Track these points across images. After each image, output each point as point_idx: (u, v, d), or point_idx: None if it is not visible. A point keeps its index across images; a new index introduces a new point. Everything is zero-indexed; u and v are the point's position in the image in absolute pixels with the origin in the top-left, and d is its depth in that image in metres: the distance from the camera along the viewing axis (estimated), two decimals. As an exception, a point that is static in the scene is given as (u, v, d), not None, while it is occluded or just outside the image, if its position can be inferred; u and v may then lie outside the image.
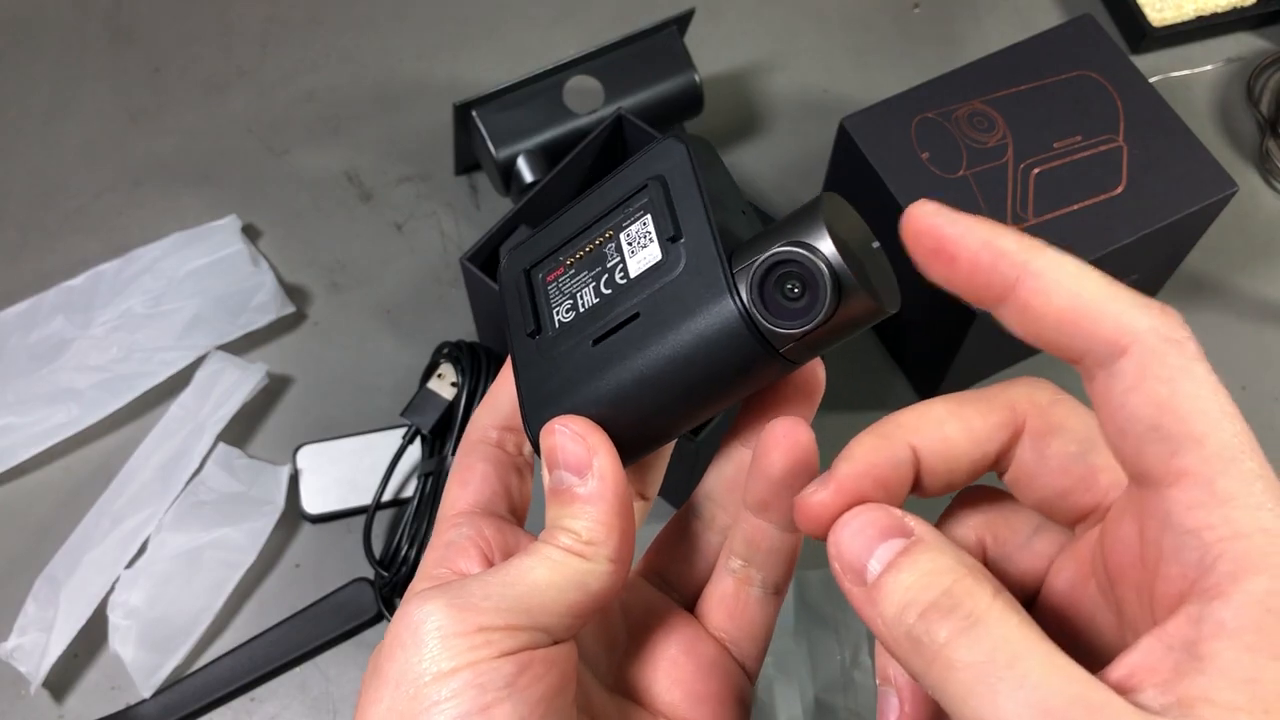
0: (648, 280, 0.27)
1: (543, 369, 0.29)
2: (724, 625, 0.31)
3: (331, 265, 0.70)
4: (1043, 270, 0.22)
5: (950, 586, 0.21)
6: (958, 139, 0.60)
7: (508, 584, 0.26)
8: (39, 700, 0.57)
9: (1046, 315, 0.22)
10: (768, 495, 0.28)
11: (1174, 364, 0.21)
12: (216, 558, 0.59)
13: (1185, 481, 0.20)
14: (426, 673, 0.24)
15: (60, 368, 0.64)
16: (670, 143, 0.29)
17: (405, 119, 0.76)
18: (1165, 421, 0.21)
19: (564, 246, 0.30)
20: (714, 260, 0.26)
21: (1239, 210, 0.68)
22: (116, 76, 0.78)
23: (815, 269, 0.25)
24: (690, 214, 0.27)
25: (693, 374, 0.27)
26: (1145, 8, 0.77)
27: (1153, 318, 0.21)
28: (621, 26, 0.67)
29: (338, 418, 0.65)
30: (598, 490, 0.27)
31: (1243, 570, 0.19)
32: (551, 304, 0.30)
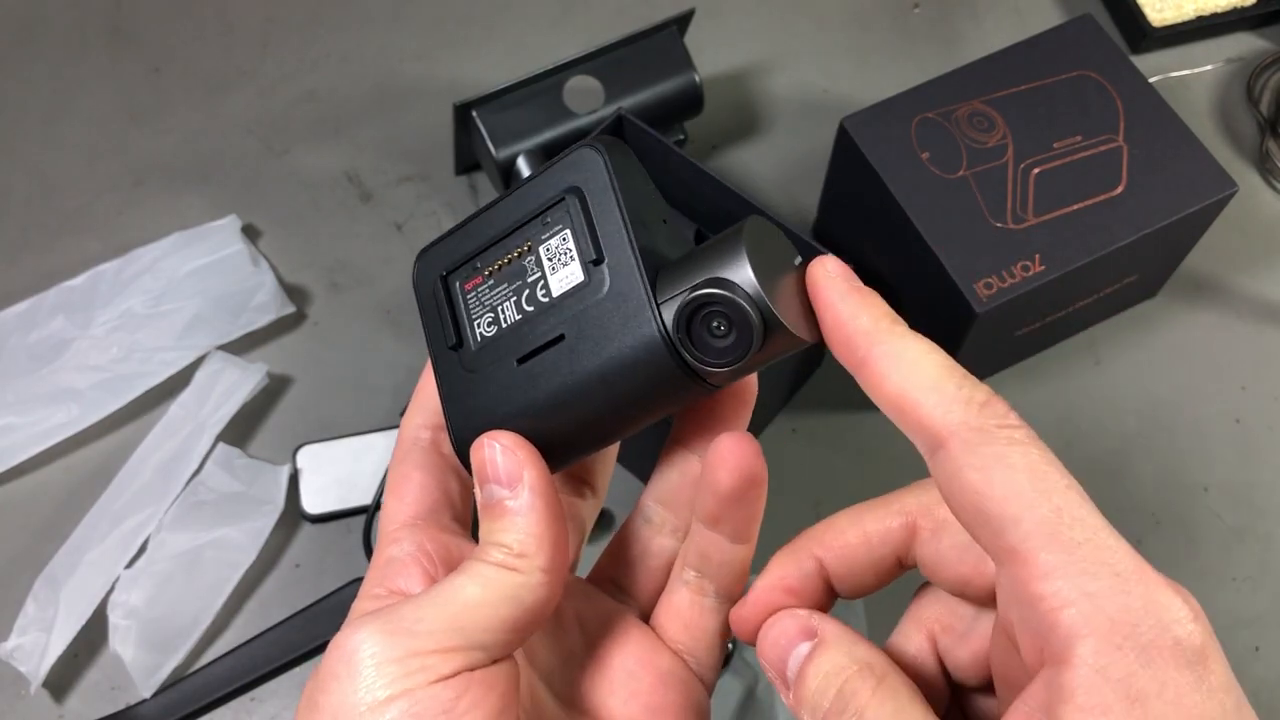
0: (570, 301, 0.27)
1: (466, 383, 0.29)
2: (679, 636, 0.31)
3: (331, 265, 0.70)
4: (880, 357, 0.25)
5: (841, 688, 0.25)
6: (958, 139, 0.60)
7: (440, 605, 0.25)
8: (39, 700, 0.57)
9: (884, 400, 0.25)
10: (718, 510, 0.29)
11: (986, 453, 0.23)
12: (216, 558, 0.59)
13: (1015, 560, 0.22)
14: (361, 702, 0.24)
15: (60, 368, 0.64)
16: (586, 152, 0.28)
17: (405, 119, 0.76)
18: (984, 506, 0.23)
19: (481, 253, 0.29)
20: (638, 288, 0.26)
21: (1239, 210, 0.68)
22: (116, 76, 0.78)
23: (741, 310, 0.25)
24: (611, 234, 0.27)
25: (619, 398, 0.27)
26: (1145, 8, 0.77)
27: (968, 411, 0.23)
28: (621, 26, 0.67)
29: (338, 418, 0.65)
30: (528, 503, 0.27)
31: (1074, 635, 0.21)
32: (472, 315, 0.29)
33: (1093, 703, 0.21)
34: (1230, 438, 0.65)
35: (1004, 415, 0.23)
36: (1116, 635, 0.21)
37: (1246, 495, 0.63)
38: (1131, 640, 0.21)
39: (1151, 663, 0.21)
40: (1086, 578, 0.21)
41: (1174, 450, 0.64)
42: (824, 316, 0.26)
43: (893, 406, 0.25)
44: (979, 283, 0.56)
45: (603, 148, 0.28)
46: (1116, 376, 0.66)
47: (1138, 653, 0.21)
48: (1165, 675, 0.21)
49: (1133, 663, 0.21)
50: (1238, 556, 0.60)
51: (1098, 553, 0.22)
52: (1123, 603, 0.21)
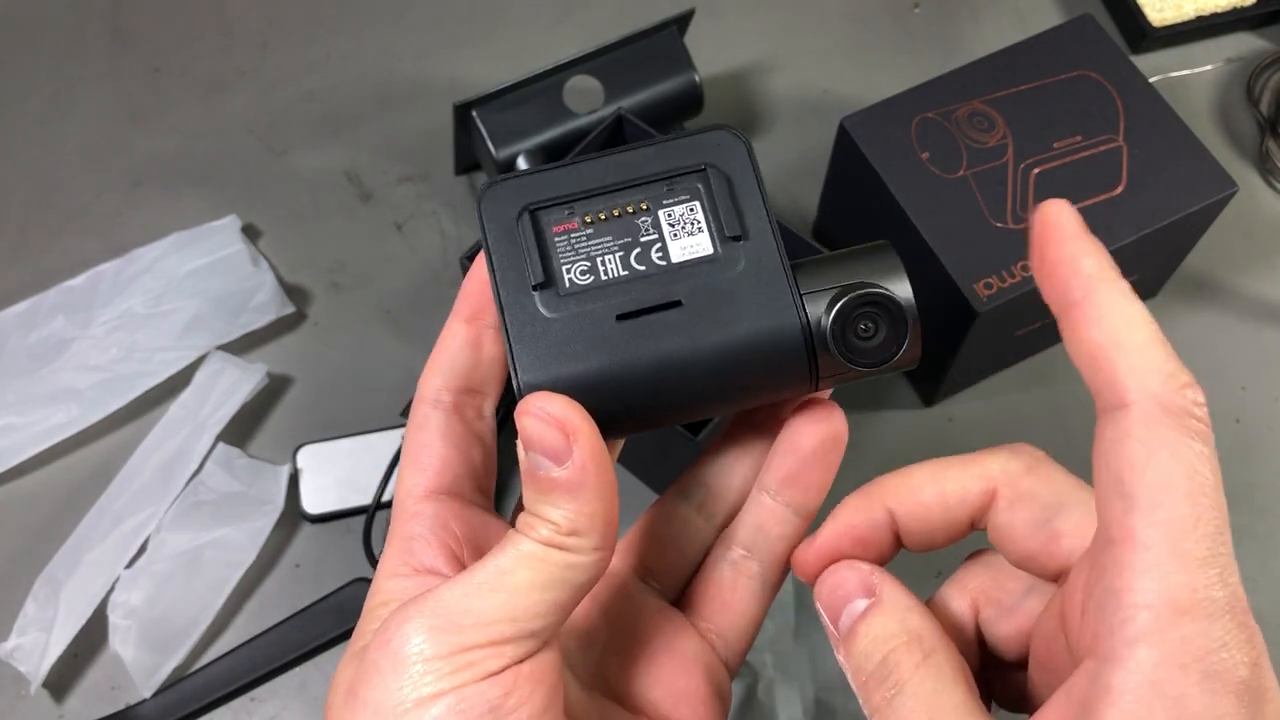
0: (694, 271, 0.27)
1: (546, 326, 0.27)
2: (714, 617, 0.31)
3: (331, 265, 0.70)
4: (1098, 304, 0.24)
5: (886, 656, 0.25)
6: (958, 139, 0.60)
7: (487, 593, 0.24)
8: (39, 700, 0.57)
9: (1081, 345, 0.24)
10: (795, 469, 0.29)
11: (1160, 433, 0.22)
12: (216, 558, 0.59)
13: (1128, 542, 0.22)
14: (408, 699, 0.23)
15: (60, 368, 0.64)
16: (725, 135, 0.28)
17: (405, 119, 0.76)
18: (1130, 481, 0.22)
19: (580, 200, 0.28)
20: (780, 275, 0.27)
21: (1239, 210, 0.68)
22: (116, 76, 0.78)
23: (902, 317, 0.27)
24: (752, 217, 0.27)
25: (725, 379, 0.27)
26: (1145, 8, 0.77)
27: (1164, 385, 0.22)
28: (621, 26, 0.67)
29: (338, 418, 0.65)
30: (577, 478, 0.24)
31: (1139, 638, 0.21)
32: (562, 259, 0.27)
33: (1138, 712, 0.21)
34: (1230, 438, 0.65)
35: (1197, 405, 0.22)
36: (1185, 655, 0.21)
37: (1246, 495, 0.63)
38: (1200, 664, 0.21)
39: (1212, 692, 0.20)
40: (1183, 591, 0.21)
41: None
42: (1047, 252, 0.25)
43: (1089, 355, 0.24)
44: (979, 283, 0.56)
45: (743, 135, 0.29)
46: (1116, 376, 0.66)
47: (1201, 678, 0.20)
48: (1222, 708, 0.20)
49: (1193, 686, 0.20)
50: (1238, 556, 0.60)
51: (1205, 575, 0.21)
52: (1203, 628, 0.21)
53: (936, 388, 0.64)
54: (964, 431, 0.65)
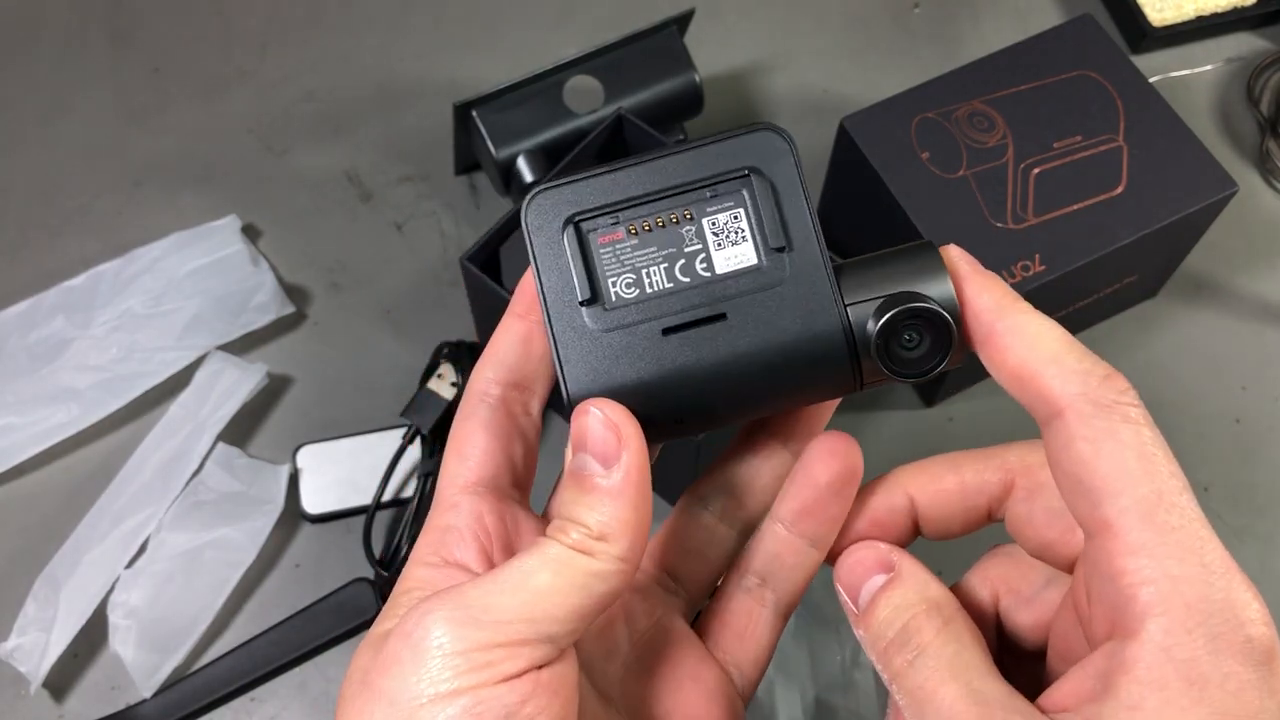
0: (738, 282, 0.27)
1: (594, 342, 0.27)
2: (729, 645, 0.31)
3: (331, 265, 0.70)
4: (1004, 332, 0.26)
5: (908, 622, 0.26)
6: (958, 139, 0.60)
7: (510, 592, 0.24)
8: (39, 700, 0.57)
9: (1003, 372, 0.26)
10: (811, 503, 0.29)
11: (1099, 426, 0.24)
12: (216, 557, 0.59)
13: (1106, 532, 0.23)
14: (424, 694, 0.23)
15: (60, 368, 0.64)
16: (770, 136, 0.28)
17: (405, 119, 0.76)
18: (1088, 478, 0.23)
19: (624, 208, 0.28)
20: (825, 286, 0.27)
21: (1239, 210, 0.68)
22: (116, 76, 0.78)
23: (947, 328, 0.26)
24: (796, 225, 0.27)
25: (768, 391, 0.27)
26: (1145, 8, 0.77)
27: (1087, 384, 0.24)
28: (621, 26, 0.67)
29: (338, 418, 0.65)
30: (620, 485, 0.25)
31: (1147, 612, 0.22)
32: (608, 272, 0.27)
33: (1152, 677, 0.22)
34: (1230, 438, 0.65)
35: (1122, 391, 0.24)
36: (1190, 620, 0.22)
37: (1246, 495, 0.63)
38: (1204, 628, 0.22)
39: (1219, 653, 0.21)
40: (1172, 561, 0.22)
41: (1174, 450, 0.64)
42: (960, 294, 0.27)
43: (1013, 379, 0.25)
44: (979, 283, 0.56)
45: (790, 135, 0.28)
46: (1116, 376, 0.66)
47: (1207, 640, 0.21)
48: (1230, 667, 0.21)
49: (1200, 649, 0.21)
50: (1238, 556, 0.60)
51: (1189, 540, 0.22)
52: (1203, 592, 0.22)
53: (936, 388, 0.64)
54: (964, 431, 0.65)
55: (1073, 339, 0.25)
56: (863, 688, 0.56)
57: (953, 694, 0.24)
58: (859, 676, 0.56)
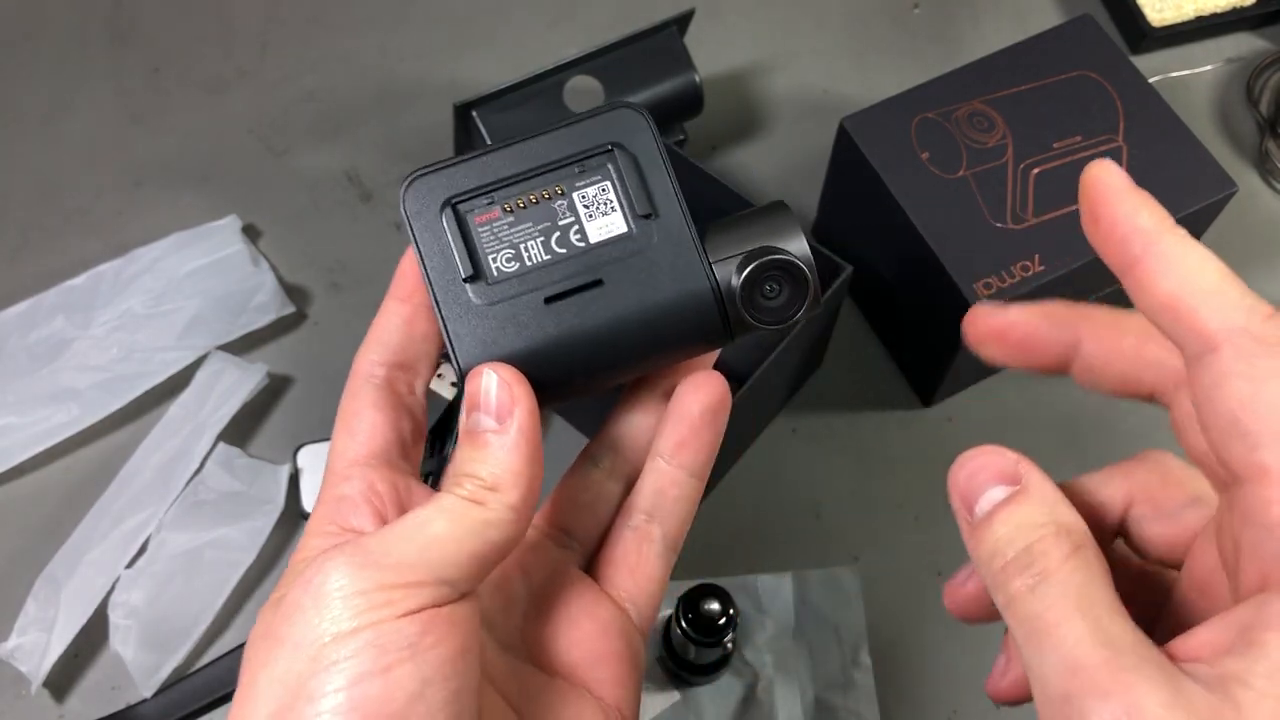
0: (611, 249, 0.29)
1: (480, 316, 0.29)
2: (624, 583, 0.32)
3: (331, 265, 0.70)
4: (1162, 254, 0.23)
5: (1032, 544, 0.24)
6: (958, 139, 0.60)
7: (407, 538, 0.25)
8: (39, 700, 0.57)
9: (1154, 298, 0.23)
10: (686, 434, 0.31)
11: (1262, 365, 0.21)
12: (217, 557, 0.59)
13: (1265, 478, 0.21)
14: (326, 633, 0.24)
15: (60, 368, 0.64)
16: (628, 113, 0.29)
17: (405, 119, 0.76)
18: (1245, 418, 0.21)
19: (497, 189, 0.29)
20: (690, 247, 0.29)
21: (1239, 210, 0.68)
22: (116, 76, 0.78)
23: (804, 278, 0.29)
24: (660, 193, 0.29)
25: (648, 348, 0.29)
26: (1145, 8, 0.77)
27: (1249, 319, 0.22)
28: (621, 26, 0.67)
29: (338, 418, 0.65)
30: (512, 439, 0.27)
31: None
32: (487, 249, 0.29)
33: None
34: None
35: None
36: None
37: (1246, 495, 0.63)
38: None
39: None
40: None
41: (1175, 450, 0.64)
42: (1100, 213, 0.24)
43: (1163, 308, 0.23)
44: (979, 283, 0.56)
45: (645, 110, 0.30)
46: (1116, 376, 0.66)
47: None
48: None
49: None
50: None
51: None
52: None
53: (936, 388, 0.64)
54: (964, 431, 0.65)
55: (1232, 273, 0.23)
56: (863, 688, 0.56)
57: (1079, 631, 0.22)
58: (859, 676, 0.56)
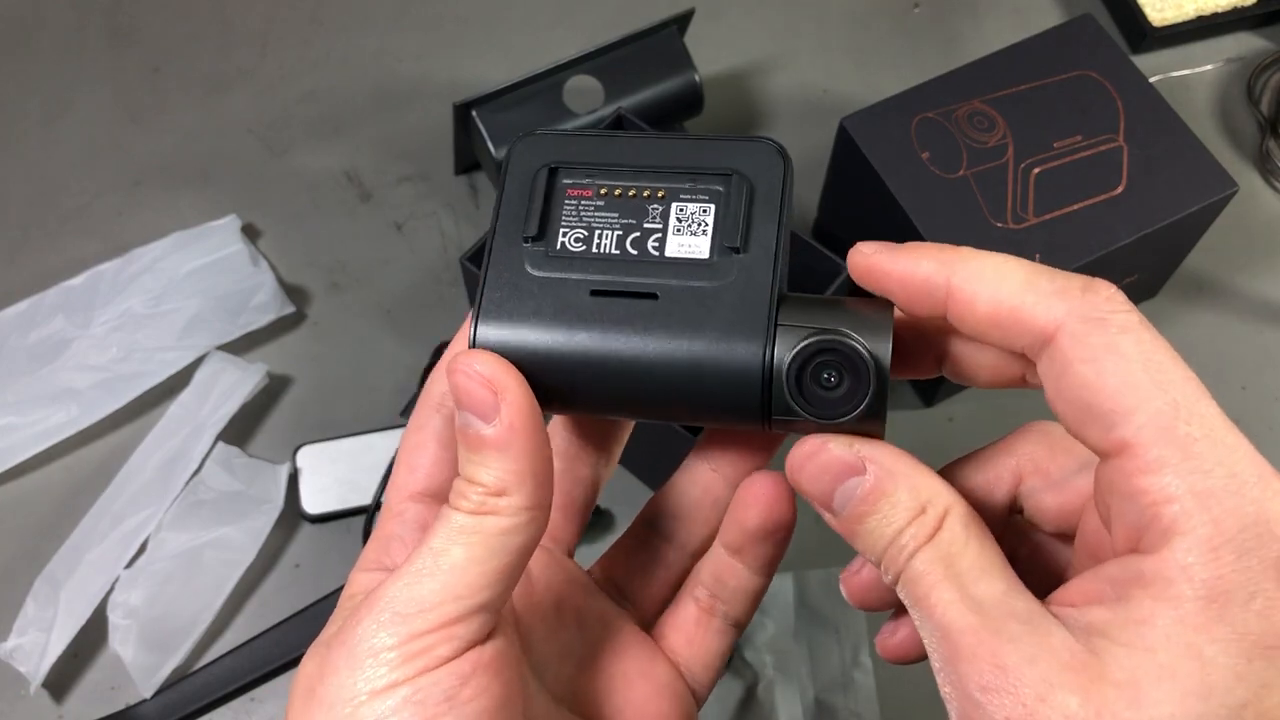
0: (682, 270, 0.26)
1: (522, 280, 0.27)
2: (680, 650, 0.31)
3: (331, 265, 0.70)
4: (962, 283, 0.24)
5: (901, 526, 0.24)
6: (958, 139, 0.60)
7: (429, 577, 0.24)
8: (39, 700, 0.57)
9: (978, 325, 0.24)
10: (742, 543, 0.29)
11: (1096, 343, 0.22)
12: (216, 557, 0.59)
13: (1125, 452, 0.21)
14: (362, 692, 0.23)
15: (60, 368, 0.64)
16: (769, 147, 0.27)
17: (405, 119, 0.76)
18: (1095, 400, 0.22)
19: (603, 169, 0.28)
20: (764, 301, 0.26)
21: (1239, 210, 0.68)
22: (116, 76, 0.78)
23: (867, 375, 0.25)
24: (760, 235, 0.26)
25: (675, 388, 0.26)
26: (1145, 8, 0.77)
27: (1070, 301, 0.22)
28: (621, 26, 0.67)
29: (338, 418, 0.65)
30: (505, 435, 0.25)
31: (1172, 531, 0.21)
32: (564, 221, 0.27)
33: (1168, 594, 0.20)
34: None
35: (1109, 299, 0.22)
36: (1217, 537, 0.20)
37: (1246, 495, 0.63)
38: (1232, 545, 0.20)
39: (1247, 570, 0.20)
40: (1198, 475, 0.21)
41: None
42: (890, 290, 0.25)
43: (993, 324, 0.23)
44: (979, 283, 0.56)
45: (788, 154, 0.28)
46: (1116, 376, 0.66)
47: (1236, 557, 0.20)
48: (1259, 587, 0.20)
49: (1226, 566, 0.20)
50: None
51: (1214, 450, 0.21)
52: (1232, 505, 0.20)
53: (936, 388, 0.64)
54: (964, 431, 0.65)
55: (1037, 264, 0.23)
56: (863, 688, 0.56)
57: (947, 598, 0.23)
58: (859, 676, 0.56)
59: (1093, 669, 0.21)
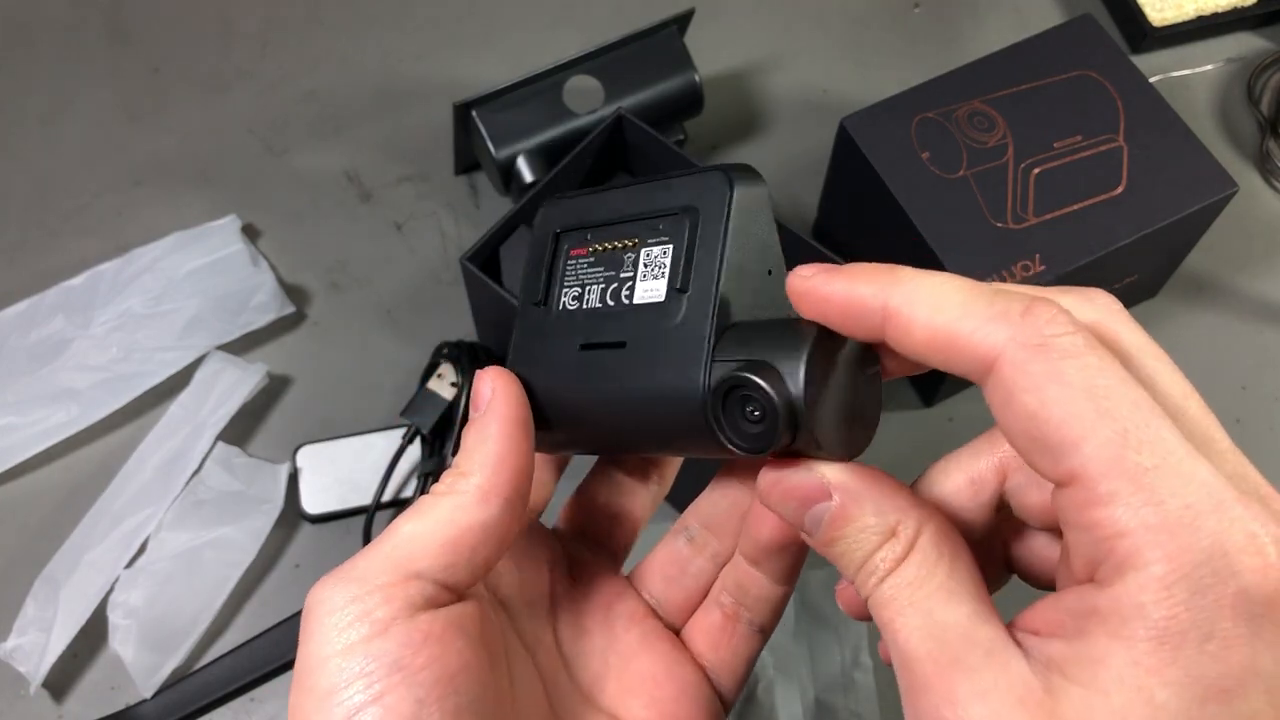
0: (644, 315, 0.27)
1: (536, 339, 0.30)
2: (706, 655, 0.31)
3: (331, 265, 0.70)
4: (898, 309, 0.23)
5: (870, 551, 0.24)
6: (958, 139, 0.60)
7: (378, 547, 0.26)
8: (39, 700, 0.57)
9: (915, 348, 0.23)
10: (759, 555, 0.30)
11: (1037, 371, 0.21)
12: (216, 557, 0.59)
13: (1075, 484, 0.21)
14: (322, 657, 0.24)
15: (60, 368, 0.64)
16: (716, 177, 0.27)
17: (405, 119, 0.76)
18: (1041, 432, 0.21)
19: (597, 228, 0.30)
20: (702, 336, 0.26)
21: (1239, 210, 0.68)
22: (116, 76, 0.78)
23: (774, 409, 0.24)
24: (703, 270, 0.26)
25: (645, 426, 0.27)
26: (1145, 8, 0.77)
27: (1011, 326, 0.21)
28: (621, 26, 0.67)
29: (338, 418, 0.65)
30: (482, 422, 0.27)
31: (1125, 567, 0.20)
32: (564, 283, 0.30)
33: (1123, 633, 0.20)
34: (1230, 438, 0.64)
35: (1050, 321, 0.21)
36: (1172, 574, 0.19)
37: (1246, 495, 0.63)
38: (1186, 582, 0.19)
39: (1202, 609, 0.19)
40: (1150, 508, 0.20)
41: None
42: (828, 315, 0.24)
43: (931, 350, 0.22)
44: (979, 283, 0.56)
45: (734, 180, 0.27)
46: (1116, 376, 0.66)
47: (1189, 595, 0.19)
48: (1215, 626, 0.19)
49: (1179, 606, 0.19)
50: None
51: (1168, 480, 0.20)
52: (1186, 539, 0.19)
53: (936, 388, 0.64)
54: (965, 431, 0.64)
55: (976, 283, 0.22)
56: (863, 688, 0.56)
57: (910, 625, 0.23)
58: (859, 676, 0.56)
59: (1045, 707, 0.20)
